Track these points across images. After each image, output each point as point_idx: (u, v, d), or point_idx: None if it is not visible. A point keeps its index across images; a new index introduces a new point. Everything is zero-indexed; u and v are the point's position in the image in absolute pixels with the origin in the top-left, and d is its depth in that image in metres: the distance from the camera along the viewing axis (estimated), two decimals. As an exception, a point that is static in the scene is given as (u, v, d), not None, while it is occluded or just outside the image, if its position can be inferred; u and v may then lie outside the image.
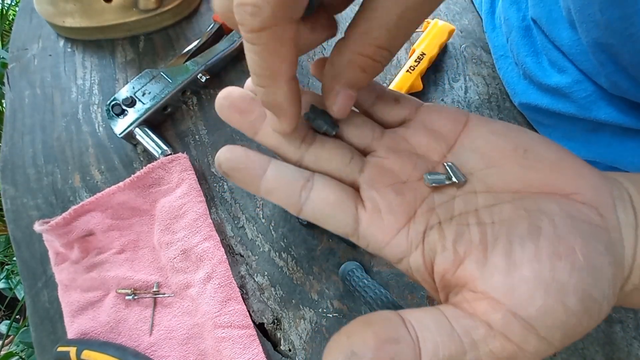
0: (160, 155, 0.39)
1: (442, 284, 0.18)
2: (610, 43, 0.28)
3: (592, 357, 0.34)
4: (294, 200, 0.19)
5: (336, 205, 0.19)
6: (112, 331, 0.36)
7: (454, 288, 0.17)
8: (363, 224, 0.19)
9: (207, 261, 0.36)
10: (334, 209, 0.19)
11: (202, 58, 0.43)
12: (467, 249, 0.17)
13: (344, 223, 0.19)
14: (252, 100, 0.21)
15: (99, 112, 0.44)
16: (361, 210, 0.19)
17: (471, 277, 0.16)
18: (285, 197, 0.20)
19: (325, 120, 0.21)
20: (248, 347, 0.34)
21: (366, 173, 0.21)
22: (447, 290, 0.18)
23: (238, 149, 0.20)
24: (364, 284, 0.32)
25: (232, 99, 0.21)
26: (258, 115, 0.21)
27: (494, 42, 0.44)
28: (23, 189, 0.42)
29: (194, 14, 0.50)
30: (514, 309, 0.15)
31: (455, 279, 0.17)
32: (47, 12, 0.47)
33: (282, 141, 0.21)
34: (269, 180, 0.20)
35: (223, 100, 0.21)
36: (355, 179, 0.21)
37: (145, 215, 0.40)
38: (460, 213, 0.19)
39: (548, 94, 0.38)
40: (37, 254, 0.39)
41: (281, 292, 0.37)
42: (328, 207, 0.19)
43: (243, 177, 0.20)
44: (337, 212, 0.19)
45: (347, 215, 0.19)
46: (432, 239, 0.18)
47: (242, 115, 0.21)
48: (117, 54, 0.47)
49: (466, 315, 0.16)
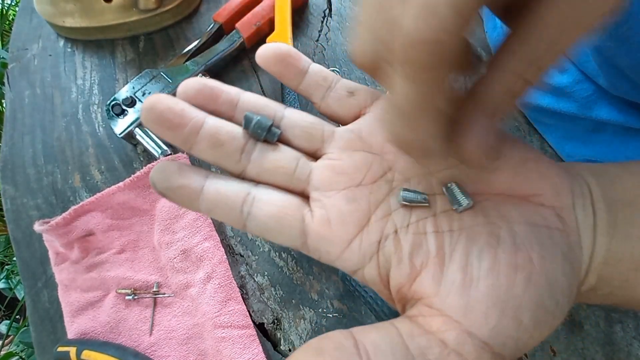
0: (160, 155, 0.39)
1: (399, 297, 0.18)
2: (608, 46, 0.28)
3: (592, 357, 0.34)
4: (236, 216, 0.18)
5: (280, 218, 0.18)
6: (112, 331, 0.36)
7: (410, 301, 0.17)
8: (311, 236, 0.18)
9: (207, 261, 0.36)
10: (278, 222, 0.18)
11: (202, 58, 0.43)
12: (423, 261, 0.17)
13: (291, 237, 0.18)
14: (183, 110, 0.18)
15: (99, 112, 0.44)
16: (309, 221, 0.18)
17: (427, 293, 0.16)
18: (227, 213, 0.18)
19: (262, 126, 0.19)
20: (248, 347, 0.34)
21: (314, 179, 0.19)
22: (404, 302, 0.17)
23: (171, 166, 0.18)
24: (364, 284, 0.32)
25: (160, 111, 0.18)
26: (191, 128, 0.18)
27: (494, 42, 0.44)
28: (23, 189, 0.42)
29: (194, 14, 0.50)
30: (469, 329, 0.15)
31: (411, 292, 0.17)
32: (47, 12, 0.47)
33: (220, 155, 0.19)
34: (207, 198, 0.18)
35: (148, 112, 0.18)
36: (303, 187, 0.19)
37: (145, 215, 0.40)
38: (418, 220, 0.18)
39: (549, 93, 0.38)
40: (37, 254, 0.39)
41: (281, 292, 0.37)
42: (271, 221, 0.18)
43: (179, 197, 0.18)
44: (282, 226, 0.18)
45: (293, 228, 0.18)
46: (388, 250, 0.17)
47: (173, 131, 0.18)
48: (117, 54, 0.47)
49: (421, 333, 0.15)
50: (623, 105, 0.33)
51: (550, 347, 0.34)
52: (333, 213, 0.18)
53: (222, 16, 0.45)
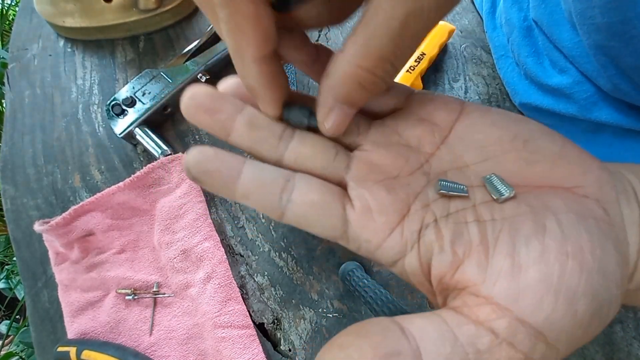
0: (160, 155, 0.39)
1: (440, 287, 0.17)
2: (611, 45, 0.28)
3: (592, 357, 0.34)
4: (274, 204, 0.18)
5: (321, 206, 0.18)
6: (112, 331, 0.36)
7: (452, 291, 0.16)
8: (352, 225, 0.18)
9: (207, 261, 0.36)
10: (319, 211, 0.18)
11: (202, 58, 0.43)
12: (466, 249, 0.16)
13: (331, 226, 0.18)
14: (222, 98, 0.19)
15: (99, 112, 0.44)
16: (350, 211, 0.18)
17: (472, 281, 0.15)
18: (264, 200, 0.18)
19: (303, 112, 0.19)
20: (248, 347, 0.34)
21: (353, 169, 0.19)
22: (446, 293, 0.17)
23: (208, 150, 0.18)
24: (364, 284, 0.32)
25: (199, 98, 0.19)
26: (229, 114, 0.19)
27: (494, 42, 0.44)
28: (23, 189, 0.42)
29: (194, 14, 0.50)
30: (521, 316, 0.14)
31: (454, 282, 0.16)
32: (47, 12, 0.47)
33: (258, 140, 0.19)
34: (244, 183, 0.18)
35: (189, 100, 0.19)
36: (341, 176, 0.19)
37: (145, 215, 0.40)
38: (457, 210, 0.17)
39: (549, 94, 0.38)
40: (37, 254, 0.39)
41: (281, 292, 0.37)
42: (312, 209, 0.18)
43: (215, 181, 0.18)
44: (322, 215, 0.18)
45: (334, 217, 0.18)
46: (429, 239, 0.17)
47: (211, 116, 0.19)
48: (117, 54, 0.47)
49: (469, 322, 0.15)
50: (623, 107, 0.33)
51: (550, 347, 0.34)
52: (374, 202, 0.18)
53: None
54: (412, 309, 0.36)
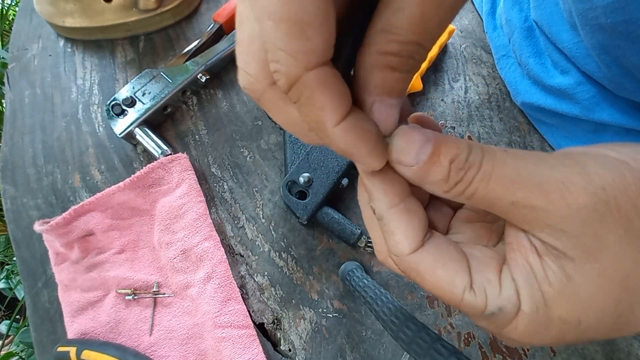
0: (160, 155, 0.39)
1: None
2: (616, 45, 0.28)
3: (592, 357, 0.34)
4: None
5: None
6: (112, 331, 0.36)
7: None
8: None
9: (207, 261, 0.36)
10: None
11: (202, 58, 0.43)
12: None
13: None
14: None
15: (99, 112, 0.44)
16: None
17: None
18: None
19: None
20: (248, 347, 0.34)
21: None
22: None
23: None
24: (364, 284, 0.32)
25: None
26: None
27: (495, 43, 0.44)
28: (23, 189, 0.42)
29: (194, 14, 0.50)
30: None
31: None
32: (47, 12, 0.47)
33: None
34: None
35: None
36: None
37: (145, 215, 0.40)
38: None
39: (551, 94, 0.38)
40: (37, 254, 0.39)
41: (281, 292, 0.37)
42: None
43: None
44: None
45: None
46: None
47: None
48: (117, 54, 0.47)
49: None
50: (625, 107, 0.33)
51: (550, 347, 0.34)
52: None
53: (222, 16, 0.45)
54: (412, 309, 0.36)
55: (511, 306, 0.16)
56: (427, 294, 0.36)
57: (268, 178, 0.41)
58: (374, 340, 0.35)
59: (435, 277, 0.16)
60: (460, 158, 0.16)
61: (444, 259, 0.17)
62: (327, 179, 0.37)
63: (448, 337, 0.35)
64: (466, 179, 0.16)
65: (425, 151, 0.16)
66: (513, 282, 0.16)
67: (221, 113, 0.44)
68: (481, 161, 0.16)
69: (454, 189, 0.16)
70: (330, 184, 0.36)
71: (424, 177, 0.16)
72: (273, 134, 0.42)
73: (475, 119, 0.43)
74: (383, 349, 0.35)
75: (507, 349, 0.34)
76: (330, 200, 0.37)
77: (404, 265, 0.17)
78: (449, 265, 0.17)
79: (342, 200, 0.40)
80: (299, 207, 0.36)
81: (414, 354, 0.24)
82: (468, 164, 0.16)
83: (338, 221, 0.36)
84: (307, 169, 0.37)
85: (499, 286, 0.16)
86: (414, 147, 0.16)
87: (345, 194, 0.40)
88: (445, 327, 0.35)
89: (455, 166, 0.16)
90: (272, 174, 0.41)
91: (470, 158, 0.16)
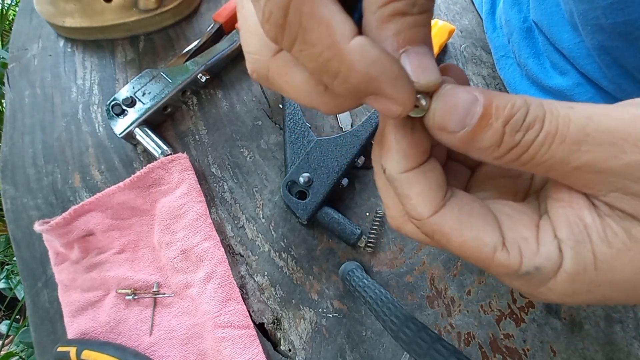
0: (160, 155, 0.39)
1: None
2: (616, 46, 0.28)
3: (592, 357, 0.34)
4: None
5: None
6: (112, 331, 0.36)
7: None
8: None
9: (207, 261, 0.36)
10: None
11: (202, 58, 0.43)
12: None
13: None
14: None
15: (99, 112, 0.44)
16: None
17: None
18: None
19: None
20: (248, 347, 0.34)
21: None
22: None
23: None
24: (364, 284, 0.32)
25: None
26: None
27: (494, 43, 0.44)
28: (23, 189, 0.42)
29: (194, 14, 0.50)
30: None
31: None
32: (47, 12, 0.47)
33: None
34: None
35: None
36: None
37: (145, 215, 0.40)
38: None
39: (550, 95, 0.38)
40: (37, 254, 0.39)
41: (281, 292, 0.37)
42: None
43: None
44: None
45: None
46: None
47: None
48: (117, 54, 0.47)
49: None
50: None
51: (550, 347, 0.34)
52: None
53: (222, 16, 0.45)
54: (412, 309, 0.36)
55: (551, 264, 0.14)
56: (427, 293, 0.36)
57: (268, 178, 0.41)
58: (374, 340, 0.35)
59: (462, 237, 0.15)
60: (517, 118, 0.14)
61: (470, 217, 0.15)
62: (327, 179, 0.37)
63: (448, 337, 0.35)
64: (524, 142, 0.14)
65: (474, 114, 0.14)
66: (555, 239, 0.15)
67: (221, 113, 0.44)
68: (543, 120, 0.14)
69: (508, 155, 0.14)
70: (330, 184, 0.36)
71: (472, 144, 0.14)
72: (273, 134, 0.42)
73: (475, 119, 0.43)
74: (383, 349, 0.35)
75: (507, 348, 0.34)
76: (330, 200, 0.37)
77: (426, 228, 0.16)
78: (476, 224, 0.15)
79: (342, 200, 0.40)
80: (299, 207, 0.36)
81: (414, 354, 0.24)
82: (526, 125, 0.14)
83: (338, 221, 0.36)
84: (307, 169, 0.37)
85: (537, 243, 0.15)
86: (460, 110, 0.14)
87: (345, 194, 0.40)
88: (445, 327, 0.35)
89: (510, 128, 0.14)
90: (272, 174, 0.41)
91: (529, 117, 0.14)
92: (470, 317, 0.35)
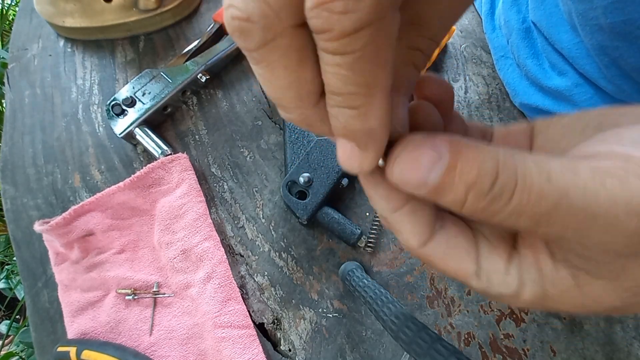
0: (160, 155, 0.39)
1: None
2: (615, 46, 0.28)
3: (592, 357, 0.34)
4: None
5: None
6: (112, 331, 0.36)
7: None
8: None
9: (207, 261, 0.36)
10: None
11: (202, 58, 0.43)
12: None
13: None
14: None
15: (99, 112, 0.44)
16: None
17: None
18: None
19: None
20: (248, 347, 0.34)
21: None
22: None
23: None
24: (364, 284, 0.32)
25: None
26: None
27: (494, 43, 0.44)
28: (23, 189, 0.42)
29: (194, 14, 0.50)
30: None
31: None
32: (47, 12, 0.47)
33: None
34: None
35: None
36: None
37: (145, 215, 0.40)
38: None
39: (549, 95, 0.38)
40: (37, 254, 0.39)
41: (281, 292, 0.37)
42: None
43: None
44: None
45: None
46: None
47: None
48: (117, 54, 0.47)
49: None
50: None
51: (550, 347, 0.34)
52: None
53: (222, 16, 0.45)
54: (412, 309, 0.36)
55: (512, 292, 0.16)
56: (427, 293, 0.36)
57: (268, 178, 0.41)
58: (374, 340, 0.35)
59: (446, 265, 0.17)
60: (482, 187, 0.12)
61: (453, 250, 0.17)
62: (327, 179, 0.37)
63: (448, 337, 0.35)
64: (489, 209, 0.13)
65: (437, 171, 0.13)
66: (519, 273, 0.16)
67: (221, 113, 0.44)
68: (512, 192, 0.12)
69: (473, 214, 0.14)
70: (330, 184, 0.36)
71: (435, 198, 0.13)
72: (273, 134, 0.42)
73: (475, 119, 0.43)
74: (383, 349, 0.35)
75: (507, 348, 0.34)
76: (330, 200, 0.37)
77: (416, 255, 0.18)
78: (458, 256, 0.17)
79: (342, 200, 0.40)
80: (299, 207, 0.36)
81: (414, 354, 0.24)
82: (492, 195, 0.13)
83: (338, 221, 0.36)
84: (307, 169, 0.37)
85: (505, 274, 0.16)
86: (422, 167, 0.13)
87: (345, 194, 0.40)
88: (445, 327, 0.35)
89: (474, 195, 0.13)
90: (272, 174, 0.41)
91: (496, 187, 0.12)
92: (470, 317, 0.35)
